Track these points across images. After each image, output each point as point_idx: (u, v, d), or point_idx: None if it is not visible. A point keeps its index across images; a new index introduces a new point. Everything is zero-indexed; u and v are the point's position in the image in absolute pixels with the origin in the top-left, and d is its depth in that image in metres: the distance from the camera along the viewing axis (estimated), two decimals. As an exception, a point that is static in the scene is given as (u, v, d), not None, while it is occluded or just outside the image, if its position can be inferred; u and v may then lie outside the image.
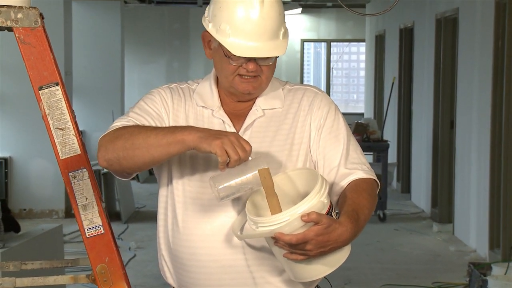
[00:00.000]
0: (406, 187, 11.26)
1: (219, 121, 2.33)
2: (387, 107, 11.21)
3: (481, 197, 7.46)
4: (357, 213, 2.14)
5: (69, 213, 9.27)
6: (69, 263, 2.82)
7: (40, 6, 2.54)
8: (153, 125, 2.28)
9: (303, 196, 2.14)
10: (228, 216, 2.26)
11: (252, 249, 2.26)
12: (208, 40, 2.32)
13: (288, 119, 2.35)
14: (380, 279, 6.68)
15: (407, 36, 11.20)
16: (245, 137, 2.28)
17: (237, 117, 2.35)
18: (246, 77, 2.27)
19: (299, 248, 2.05)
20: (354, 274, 6.71)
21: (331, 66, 16.76)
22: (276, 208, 2.11)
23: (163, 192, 2.37)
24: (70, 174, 2.44)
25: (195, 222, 2.29)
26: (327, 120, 2.34)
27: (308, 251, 2.05)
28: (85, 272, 2.58)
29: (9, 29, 2.46)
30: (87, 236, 2.45)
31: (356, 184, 2.27)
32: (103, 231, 2.45)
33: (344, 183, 2.28)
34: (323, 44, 16.79)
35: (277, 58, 2.31)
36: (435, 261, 7.42)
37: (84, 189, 2.44)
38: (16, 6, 2.42)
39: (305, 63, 16.64)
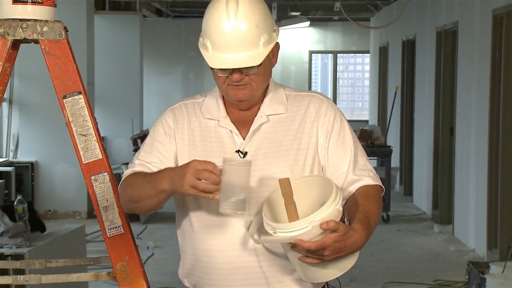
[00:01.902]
0: (408, 190, 11.22)
1: (226, 130, 2.30)
2: (390, 115, 11.19)
3: (480, 200, 7.43)
4: (369, 219, 2.13)
5: (91, 214, 9.29)
6: (91, 261, 2.83)
7: (64, 20, 2.54)
8: (162, 158, 2.28)
9: (316, 201, 2.13)
10: (241, 220, 2.24)
11: (264, 251, 2.24)
12: None
13: (294, 125, 2.30)
14: (383, 277, 6.66)
15: (409, 48, 11.17)
16: (253, 142, 2.27)
17: (243, 124, 2.31)
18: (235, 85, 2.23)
19: (316, 254, 2.03)
20: (359, 272, 6.69)
21: (338, 76, 16.73)
22: (293, 215, 2.10)
23: (178, 197, 2.34)
24: (92, 177, 2.45)
25: (209, 226, 2.27)
26: (334, 126, 2.31)
27: (324, 256, 2.04)
28: (106, 270, 2.59)
29: (36, 41, 2.47)
30: (108, 236, 2.45)
31: (366, 191, 2.24)
32: (123, 231, 2.46)
33: (352, 188, 2.26)
34: (330, 56, 16.77)
35: (287, 68, 2.28)
36: (435, 260, 7.39)
37: (105, 192, 2.45)
38: (42, 20, 2.44)
39: (313, 73, 16.61)
